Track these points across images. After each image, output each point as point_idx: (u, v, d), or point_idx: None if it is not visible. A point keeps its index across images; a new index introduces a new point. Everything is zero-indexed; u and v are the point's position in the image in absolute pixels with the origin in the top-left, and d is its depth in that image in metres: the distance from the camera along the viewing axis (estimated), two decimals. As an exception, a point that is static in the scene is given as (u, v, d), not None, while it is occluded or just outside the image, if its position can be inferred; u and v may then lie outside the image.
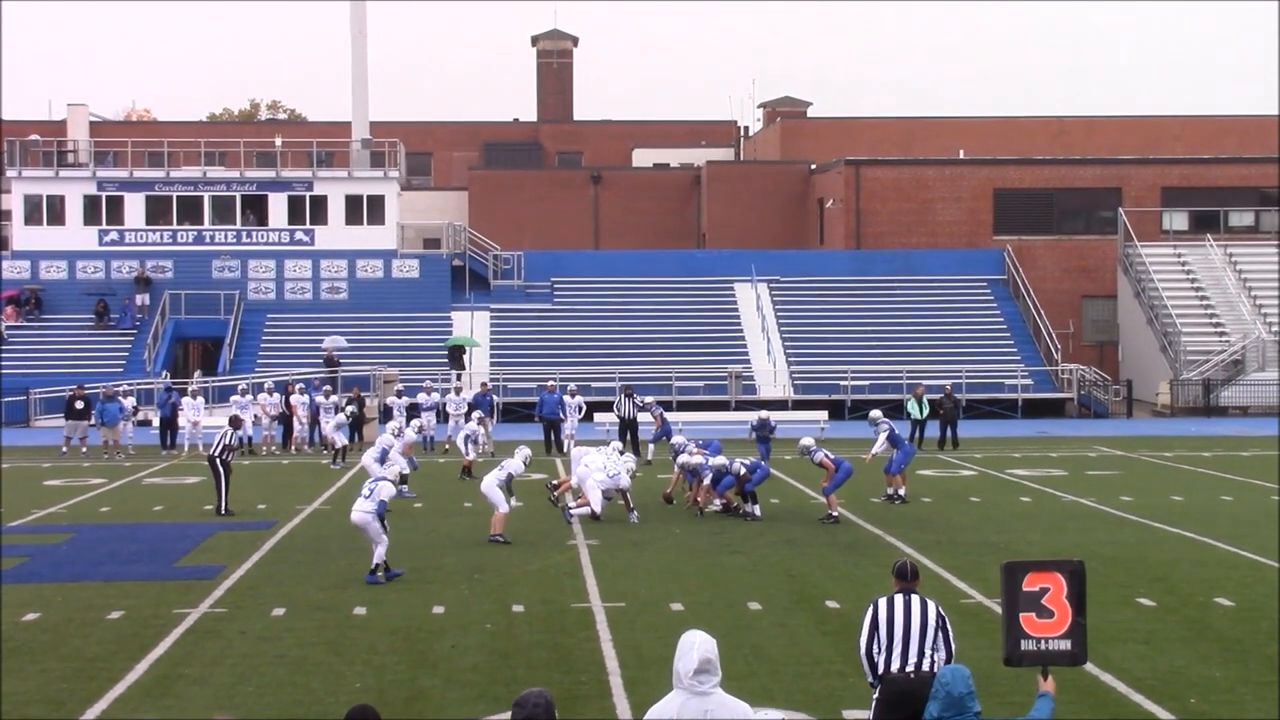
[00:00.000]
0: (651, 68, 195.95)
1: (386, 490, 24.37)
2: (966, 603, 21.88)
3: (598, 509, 30.30)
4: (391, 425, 39.58)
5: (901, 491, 33.81)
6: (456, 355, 62.22)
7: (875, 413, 36.03)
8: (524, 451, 29.96)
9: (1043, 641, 10.75)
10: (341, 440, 43.92)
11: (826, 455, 31.02)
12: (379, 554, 23.87)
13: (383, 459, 33.21)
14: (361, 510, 24.13)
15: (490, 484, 28.55)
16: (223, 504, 32.44)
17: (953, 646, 12.77)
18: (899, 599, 12.83)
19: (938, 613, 12.78)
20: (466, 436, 40.32)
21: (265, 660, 18.68)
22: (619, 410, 47.19)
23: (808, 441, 31.79)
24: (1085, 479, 38.66)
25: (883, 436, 34.31)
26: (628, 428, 45.62)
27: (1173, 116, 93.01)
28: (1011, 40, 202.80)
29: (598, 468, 30.70)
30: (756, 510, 31.05)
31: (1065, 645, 10.73)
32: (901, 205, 75.64)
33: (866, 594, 21.94)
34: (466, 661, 18.50)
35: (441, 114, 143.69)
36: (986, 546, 27.15)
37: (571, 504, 30.99)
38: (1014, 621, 10.83)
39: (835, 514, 30.72)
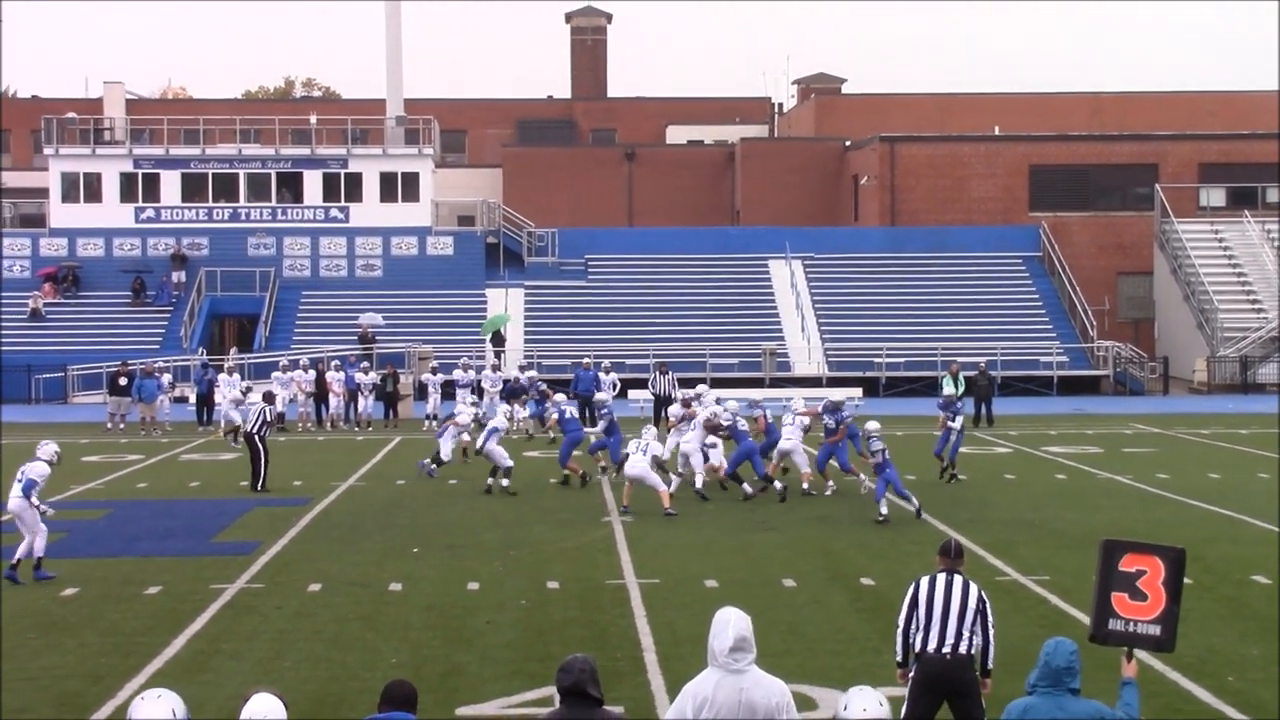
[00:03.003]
0: (685, 44, 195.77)
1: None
2: (1001, 580, 21.86)
3: (670, 486, 30.06)
4: (504, 409, 38.88)
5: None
6: (498, 335, 62.29)
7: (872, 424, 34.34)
8: (651, 431, 30.18)
9: (1132, 624, 10.53)
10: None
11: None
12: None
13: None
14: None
15: (642, 468, 28.63)
16: (262, 480, 32.58)
17: (991, 631, 12.75)
18: (940, 578, 12.80)
19: (979, 595, 12.76)
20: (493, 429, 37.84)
21: (302, 635, 18.77)
22: (654, 387, 47.19)
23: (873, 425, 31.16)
24: (1121, 456, 38.55)
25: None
26: (662, 404, 45.62)
27: (1209, 92, 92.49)
28: (1047, 16, 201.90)
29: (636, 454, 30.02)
30: (747, 487, 30.83)
31: (1155, 630, 10.49)
32: (937, 182, 75.39)
33: (902, 571, 21.99)
34: (501, 638, 18.56)
35: (476, 91, 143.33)
36: (1021, 524, 27.13)
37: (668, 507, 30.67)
38: (1105, 600, 10.60)
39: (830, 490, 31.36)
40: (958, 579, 12.80)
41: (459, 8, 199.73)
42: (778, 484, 30.82)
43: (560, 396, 38.11)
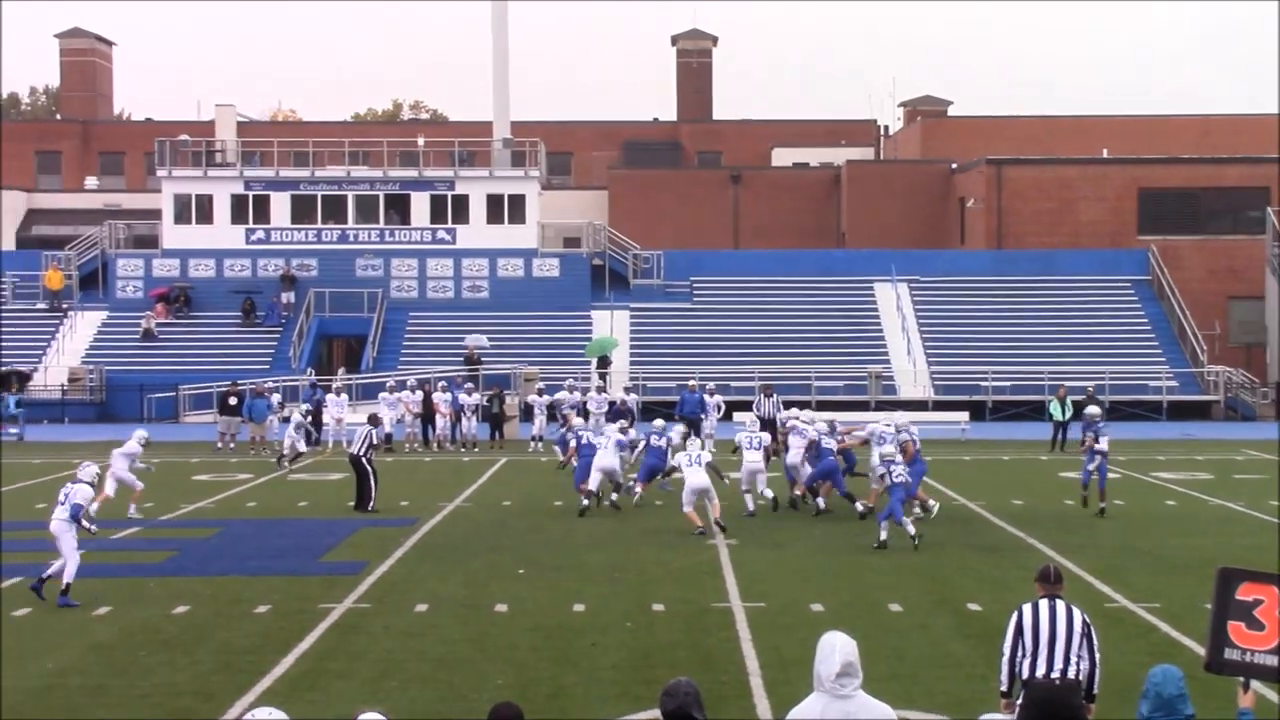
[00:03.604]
0: (791, 67, 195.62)
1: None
2: (1110, 606, 21.68)
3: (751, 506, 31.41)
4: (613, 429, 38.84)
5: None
6: (603, 359, 62.43)
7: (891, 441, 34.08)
8: (696, 442, 31.81)
9: (1249, 653, 10.35)
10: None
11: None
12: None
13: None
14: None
15: (705, 479, 29.45)
16: (372, 501, 32.81)
17: (1097, 655, 12.66)
18: (1044, 604, 12.74)
19: (1083, 619, 12.69)
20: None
21: (409, 656, 18.89)
22: (758, 409, 47.09)
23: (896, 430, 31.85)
24: (1232, 483, 38.12)
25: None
26: (766, 427, 45.47)
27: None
28: (1155, 38, 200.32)
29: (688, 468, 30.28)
30: (821, 502, 31.73)
31: (1272, 660, 10.30)
32: (1043, 205, 74.90)
33: (1008, 596, 21.84)
34: (607, 660, 18.60)
35: (582, 114, 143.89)
36: (1130, 550, 26.89)
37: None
38: (1221, 628, 10.45)
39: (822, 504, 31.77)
40: (1060, 604, 12.74)
41: (565, 30, 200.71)
42: (859, 504, 31.01)
43: (578, 421, 38.09)
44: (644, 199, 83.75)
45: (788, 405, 44.93)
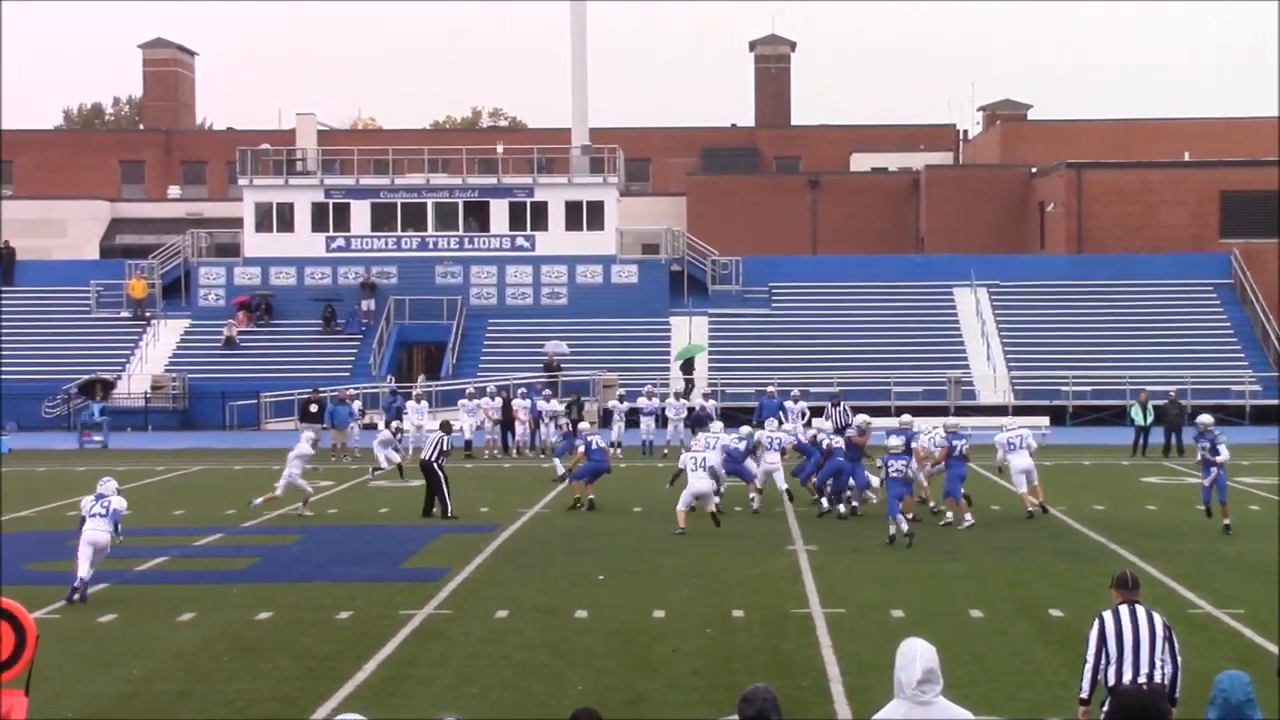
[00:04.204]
0: (869, 71, 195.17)
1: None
2: (1194, 613, 21.52)
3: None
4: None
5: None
6: (689, 364, 62.49)
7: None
8: (702, 441, 33.45)
9: None
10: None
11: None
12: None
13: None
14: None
15: (708, 484, 30.99)
16: (447, 507, 32.94)
17: (1179, 657, 12.61)
18: (1124, 610, 12.70)
19: (1164, 623, 12.65)
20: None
21: (489, 662, 18.95)
22: (829, 418, 46.39)
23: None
24: (1317, 488, 37.71)
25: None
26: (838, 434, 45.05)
27: None
28: (1236, 39, 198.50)
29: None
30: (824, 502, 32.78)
31: None
32: (1124, 209, 74.40)
33: (1090, 603, 21.68)
34: (687, 665, 18.61)
35: (660, 120, 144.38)
36: (1214, 556, 26.66)
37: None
38: None
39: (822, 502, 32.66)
40: (1140, 609, 12.74)
41: (643, 37, 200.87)
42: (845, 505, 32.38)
43: (585, 425, 38.55)
44: (722, 205, 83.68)
45: (858, 411, 44.69)
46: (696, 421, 46.03)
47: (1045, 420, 54.35)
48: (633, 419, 50.10)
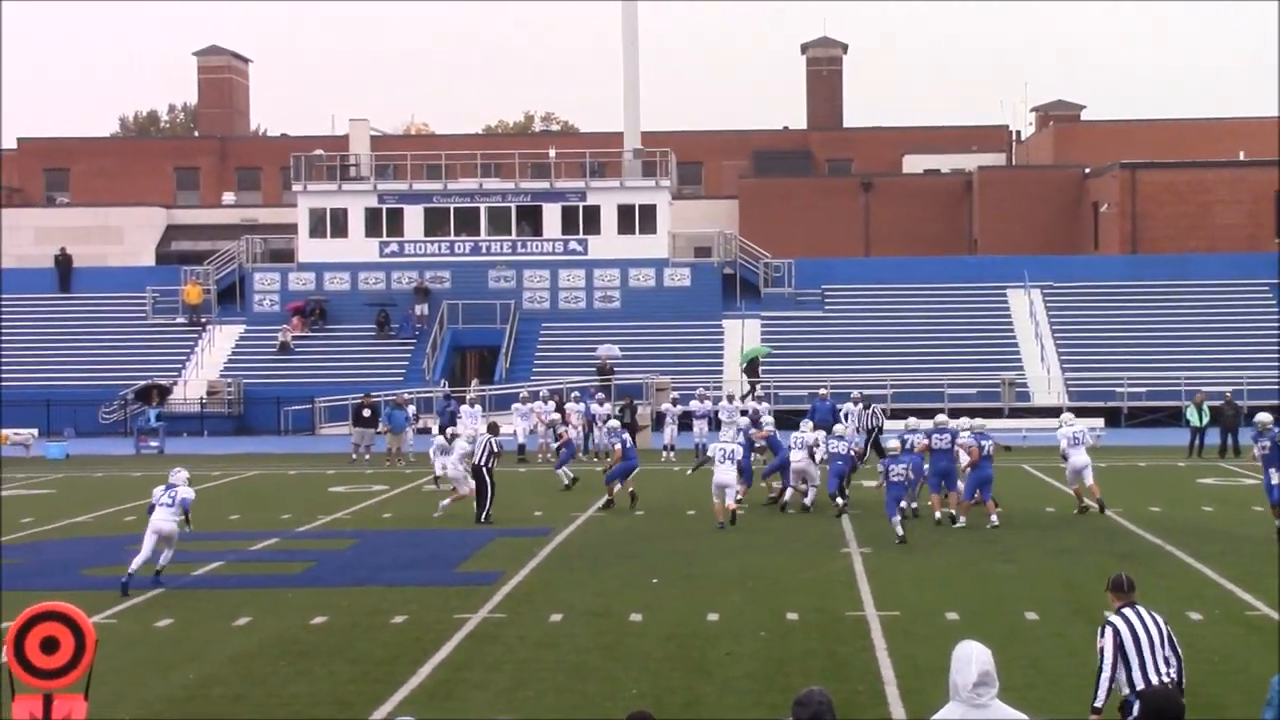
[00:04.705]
0: (921, 73, 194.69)
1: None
2: (1251, 615, 21.40)
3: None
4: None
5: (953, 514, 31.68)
6: (753, 366, 62.46)
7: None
8: (729, 434, 35.20)
9: None
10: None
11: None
12: None
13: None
14: None
15: (731, 475, 31.61)
16: (486, 512, 32.80)
17: (1180, 650, 12.89)
18: (1131, 613, 12.84)
19: (1164, 620, 12.96)
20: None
21: (544, 665, 18.99)
22: (857, 420, 45.76)
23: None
24: (1375, 488, 37.38)
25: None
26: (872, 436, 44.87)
27: None
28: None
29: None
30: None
31: None
32: (1178, 209, 74.06)
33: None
34: (741, 669, 18.61)
35: (712, 123, 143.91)
36: (1270, 557, 26.47)
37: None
38: None
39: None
40: (1142, 610, 12.95)
41: (695, 39, 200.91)
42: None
43: (614, 424, 39.29)
44: (774, 207, 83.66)
45: (905, 414, 44.43)
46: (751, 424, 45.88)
47: (1100, 422, 54.09)
48: (685, 422, 50.09)
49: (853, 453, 34.39)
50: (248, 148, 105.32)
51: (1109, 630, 12.77)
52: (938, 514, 31.45)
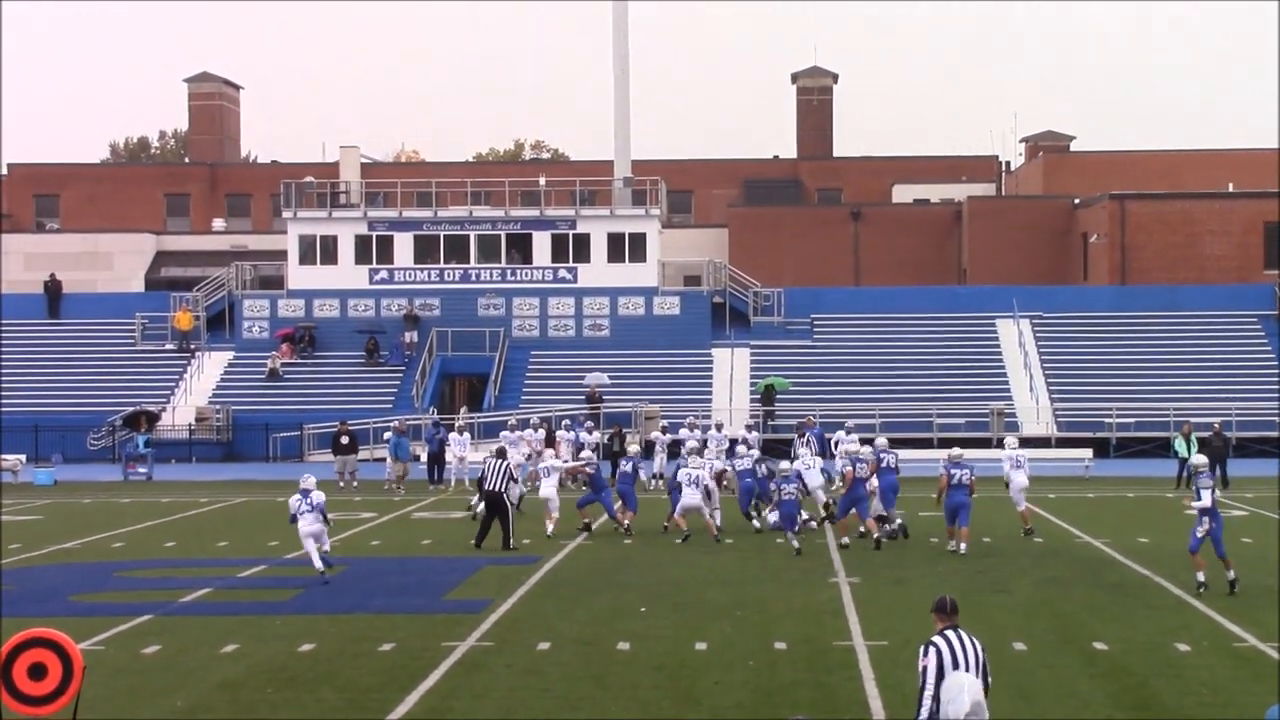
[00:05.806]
0: (911, 103, 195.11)
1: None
2: (1240, 646, 21.40)
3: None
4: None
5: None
6: (768, 396, 62.43)
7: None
8: (698, 460, 35.51)
9: None
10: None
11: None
12: None
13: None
14: None
15: (699, 500, 33.56)
16: (509, 539, 32.72)
17: (989, 679, 13.22)
18: (953, 636, 13.05)
19: (982, 646, 13.28)
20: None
21: (531, 694, 18.96)
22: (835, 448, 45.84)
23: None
24: (1363, 520, 37.46)
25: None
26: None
27: None
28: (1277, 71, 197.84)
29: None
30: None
31: None
32: (1168, 240, 74.22)
33: (1135, 635, 21.66)
34: (730, 698, 18.59)
35: (702, 152, 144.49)
36: (1260, 589, 26.47)
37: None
38: None
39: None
40: (963, 633, 13.26)
41: (685, 69, 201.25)
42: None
43: (588, 454, 41.83)
44: (764, 236, 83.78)
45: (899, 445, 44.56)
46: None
47: (1088, 452, 54.17)
48: (674, 451, 50.03)
49: (762, 474, 36.26)
50: (238, 174, 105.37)
51: (932, 650, 13.02)
52: (876, 534, 32.46)
